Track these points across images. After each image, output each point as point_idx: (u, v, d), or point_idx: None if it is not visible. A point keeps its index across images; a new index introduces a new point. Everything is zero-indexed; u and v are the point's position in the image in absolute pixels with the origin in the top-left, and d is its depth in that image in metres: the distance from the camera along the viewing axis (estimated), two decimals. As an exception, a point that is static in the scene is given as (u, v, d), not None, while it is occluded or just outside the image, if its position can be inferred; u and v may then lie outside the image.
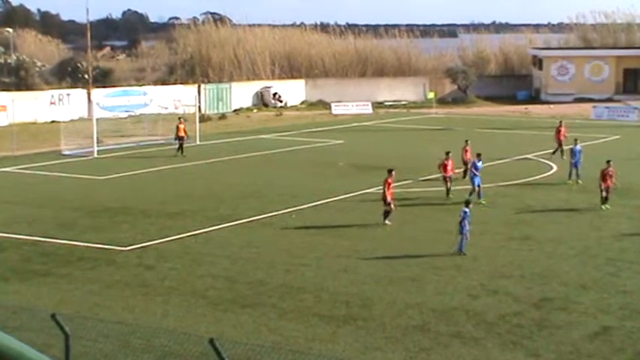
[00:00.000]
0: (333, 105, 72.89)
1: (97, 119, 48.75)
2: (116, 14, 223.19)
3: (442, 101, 76.58)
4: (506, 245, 26.79)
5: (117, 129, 55.04)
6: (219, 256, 25.47)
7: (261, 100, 75.46)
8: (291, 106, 75.43)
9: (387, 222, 29.50)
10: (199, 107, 59.50)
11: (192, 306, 20.83)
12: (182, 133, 46.50)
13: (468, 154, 37.29)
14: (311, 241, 27.37)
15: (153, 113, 59.15)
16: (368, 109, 72.15)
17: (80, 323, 17.50)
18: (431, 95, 72.70)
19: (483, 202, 32.78)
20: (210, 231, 28.70)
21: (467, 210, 25.81)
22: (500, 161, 43.81)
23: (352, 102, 73.54)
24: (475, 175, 33.50)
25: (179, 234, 28.13)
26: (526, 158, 44.96)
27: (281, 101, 75.32)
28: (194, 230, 28.65)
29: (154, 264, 24.61)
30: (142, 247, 26.51)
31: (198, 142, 51.22)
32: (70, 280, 23.07)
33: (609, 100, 76.13)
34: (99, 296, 21.61)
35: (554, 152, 44.43)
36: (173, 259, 25.16)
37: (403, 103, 77.54)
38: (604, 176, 32.46)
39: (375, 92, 78.62)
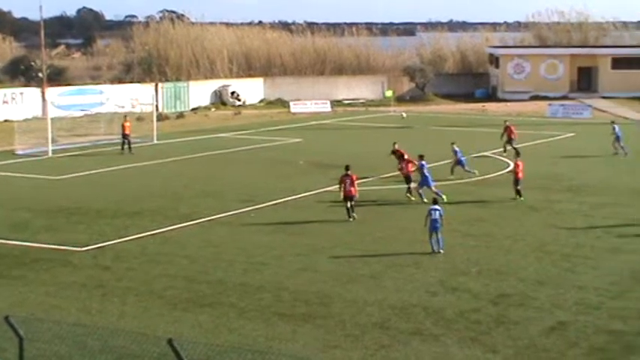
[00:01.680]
0: (291, 103, 72.85)
1: (52, 118, 48.19)
2: (71, 12, 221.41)
3: (400, 99, 76.87)
4: (464, 242, 26.93)
5: (72, 128, 54.49)
6: (177, 255, 25.29)
7: (220, 99, 75.17)
8: (250, 105, 75.22)
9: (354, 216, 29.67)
10: (157, 106, 59.10)
11: (150, 306, 20.65)
12: (127, 131, 46.78)
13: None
14: (270, 239, 27.29)
15: (109, 112, 58.62)
16: (326, 108, 72.21)
17: (35, 326, 17.25)
18: (389, 94, 72.92)
19: (426, 200, 32.88)
20: (168, 230, 28.49)
21: (437, 208, 25.78)
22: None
23: (311, 100, 73.56)
24: (427, 175, 33.28)
25: (137, 234, 27.89)
26: (483, 156, 45.24)
27: (239, 100, 75.09)
28: (152, 230, 28.43)
29: (110, 264, 24.36)
30: (99, 247, 26.24)
31: (155, 142, 50.88)
32: (24, 281, 22.74)
33: (564, 97, 77.01)
34: (54, 298, 21.33)
35: (504, 150, 44.75)
36: (130, 259, 24.93)
37: (362, 101, 77.71)
38: (516, 169, 33.50)
39: (333, 91, 78.70)
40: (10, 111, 60.92)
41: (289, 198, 33.92)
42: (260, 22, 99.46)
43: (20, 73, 76.66)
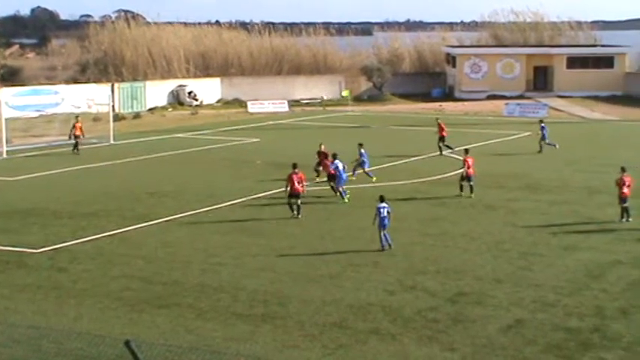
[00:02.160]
0: (249, 103, 72.71)
1: (6, 119, 47.62)
2: (25, 11, 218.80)
3: (358, 99, 77.08)
4: (422, 241, 27.05)
5: (27, 129, 53.89)
6: (134, 256, 25.10)
7: (177, 99, 74.77)
8: (207, 105, 74.92)
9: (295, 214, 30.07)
10: (113, 106, 58.60)
11: (106, 308, 20.47)
12: (78, 132, 46.57)
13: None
14: (228, 240, 27.20)
15: (65, 112, 58.02)
16: (284, 108, 72.18)
17: (-11, 328, 17.02)
18: (345, 93, 73.05)
19: (346, 200, 33.12)
20: (125, 231, 28.27)
21: (385, 205, 25.91)
22: (414, 158, 44.26)
23: (268, 100, 73.46)
24: (340, 174, 33.45)
25: (93, 235, 27.65)
26: (440, 155, 45.48)
27: (196, 100, 74.76)
28: (109, 231, 28.19)
29: (66, 266, 24.12)
30: (54, 248, 25.96)
31: (112, 142, 50.49)
32: (-21, 284, 22.42)
33: (520, 97, 77.74)
34: (9, 300, 21.07)
35: (448, 147, 45.17)
36: (86, 260, 24.70)
37: (319, 101, 77.76)
38: (465, 166, 34.11)
39: (291, 90, 78.67)
40: (-37, 111, 59.98)
41: (247, 198, 33.84)
42: (217, 21, 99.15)
43: (-27, 73, 75.68)
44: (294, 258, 24.98)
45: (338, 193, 33.43)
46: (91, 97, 64.91)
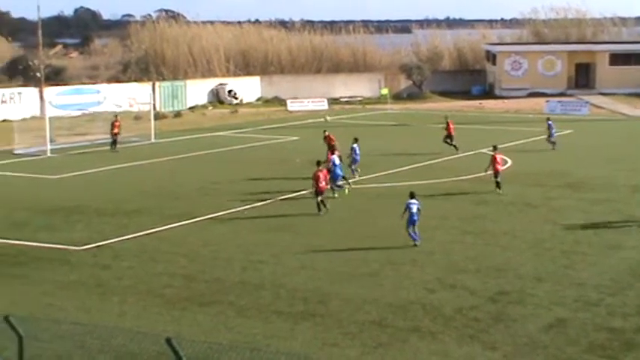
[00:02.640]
0: (288, 101, 72.84)
1: (50, 118, 48.22)
2: (68, 12, 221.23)
3: (397, 97, 76.89)
4: (462, 239, 26.96)
5: (70, 127, 54.50)
6: (176, 254, 25.31)
7: (217, 98, 75.16)
8: (247, 103, 75.22)
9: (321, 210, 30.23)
10: (154, 105, 59.10)
11: (149, 305, 20.67)
12: (116, 130, 47.13)
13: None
14: (268, 237, 27.31)
15: (107, 111, 58.60)
16: (323, 106, 72.21)
17: (34, 325, 17.24)
18: (384, 92, 72.92)
19: (336, 195, 33.37)
20: (166, 229, 28.50)
21: (415, 201, 25.96)
22: (454, 156, 44.06)
23: (308, 98, 73.54)
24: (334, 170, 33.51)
25: (135, 232, 27.91)
26: (480, 153, 45.22)
27: (236, 98, 75.08)
28: (150, 228, 28.43)
29: (109, 263, 24.39)
30: (98, 246, 26.25)
31: (153, 140, 50.89)
32: (23, 280, 22.76)
33: (562, 94, 77.04)
34: (53, 297, 21.35)
35: (455, 147, 44.84)
36: (129, 257, 24.95)
37: (358, 99, 77.70)
38: (493, 162, 33.97)
39: (330, 88, 78.69)
40: (9, 111, 60.92)
41: (287, 196, 33.91)
42: (257, 20, 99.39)
43: (18, 73, 76.61)
44: (333, 256, 25.02)
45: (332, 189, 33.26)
46: (132, 96, 65.55)
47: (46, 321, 18.32)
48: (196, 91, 73.73)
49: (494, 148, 35.32)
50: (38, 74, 67.12)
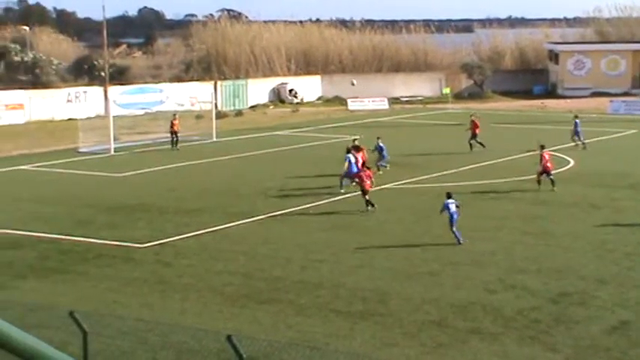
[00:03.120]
0: (349, 101, 72.84)
1: (114, 117, 48.92)
2: (132, 11, 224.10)
3: (458, 96, 76.40)
4: (523, 240, 26.72)
5: (133, 126, 55.23)
6: (236, 252, 25.52)
7: (278, 97, 75.51)
8: (307, 102, 75.42)
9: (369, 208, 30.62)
10: (216, 104, 59.60)
11: (209, 302, 20.89)
12: (175, 128, 47.59)
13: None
14: (327, 236, 27.39)
15: (169, 110, 59.27)
16: (384, 105, 72.07)
17: (98, 320, 17.57)
18: (446, 91, 72.51)
19: (342, 190, 33.74)
20: (227, 227, 28.76)
21: (453, 201, 26.25)
22: (516, 156, 43.66)
23: (368, 98, 73.45)
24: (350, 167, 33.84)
25: (196, 230, 28.21)
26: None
27: (297, 97, 75.33)
28: (211, 227, 28.71)
29: (171, 261, 24.70)
30: (160, 244, 26.60)
31: (214, 139, 51.33)
32: (87, 277, 23.18)
33: (626, 94, 75.74)
34: (116, 293, 21.70)
35: (481, 145, 44.44)
36: (190, 255, 25.24)
37: (419, 98, 77.40)
38: (542, 161, 34.37)
39: (391, 88, 78.48)
40: (75, 109, 61.98)
41: (347, 195, 33.94)
42: (318, 19, 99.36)
43: (84, 72, 77.89)
44: (393, 255, 24.99)
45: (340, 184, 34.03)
46: (194, 95, 66.19)
47: (109, 317, 18.66)
48: (257, 90, 74.16)
49: (542, 147, 35.11)
50: (103, 73, 68.17)
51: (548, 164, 34.35)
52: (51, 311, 18.94)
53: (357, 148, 35.93)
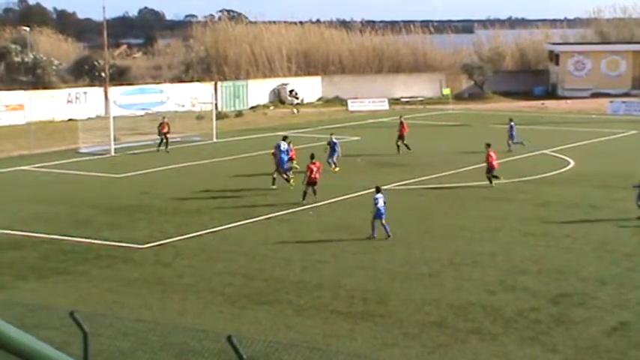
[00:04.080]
0: (349, 101, 72.87)
1: (114, 117, 48.93)
2: (132, 12, 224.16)
3: (459, 97, 76.44)
4: (523, 241, 26.74)
5: (134, 127, 55.25)
6: (236, 253, 25.53)
7: (278, 97, 75.53)
8: (308, 103, 75.43)
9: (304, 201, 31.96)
10: (216, 105, 59.61)
11: (209, 303, 20.89)
12: (165, 130, 47.57)
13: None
14: (328, 237, 27.39)
15: (170, 111, 59.30)
16: (384, 106, 72.09)
17: (98, 321, 17.58)
18: (446, 91, 72.50)
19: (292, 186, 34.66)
20: (227, 228, 28.77)
21: (381, 195, 26.97)
22: (517, 157, 43.69)
23: (368, 98, 73.48)
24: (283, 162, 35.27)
25: (196, 231, 28.22)
26: (543, 154, 44.80)
27: (297, 98, 75.34)
28: (211, 227, 28.73)
29: (171, 261, 24.71)
30: (160, 244, 26.61)
31: (215, 140, 51.34)
32: (87, 278, 23.19)
33: (626, 95, 75.78)
34: (117, 294, 21.71)
35: (407, 147, 45.13)
36: (190, 256, 25.25)
37: (419, 99, 77.43)
38: (489, 159, 35.54)
39: (391, 88, 78.53)
40: (75, 110, 62.01)
41: (347, 196, 33.97)
42: (318, 20, 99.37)
43: (84, 72, 77.95)
44: (393, 256, 25.00)
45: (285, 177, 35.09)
46: (194, 96, 66.20)
47: (110, 317, 18.67)
48: (258, 90, 74.19)
49: (488, 145, 36.17)
50: (103, 74, 68.21)
51: (494, 162, 35.45)
52: (51, 311, 18.96)
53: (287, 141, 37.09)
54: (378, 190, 27.28)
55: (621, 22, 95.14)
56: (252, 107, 72.00)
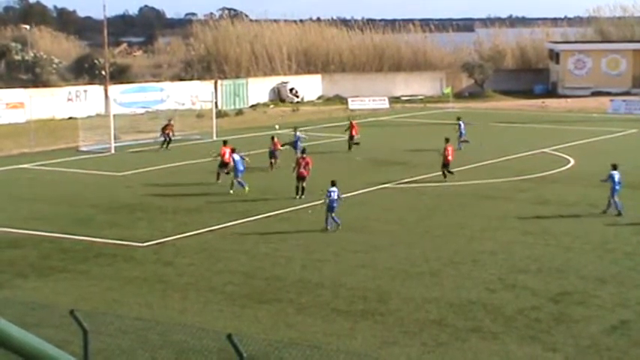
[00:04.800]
0: (349, 100, 72.85)
1: (114, 115, 48.89)
2: (133, 10, 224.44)
3: (459, 96, 76.41)
4: (523, 239, 26.73)
5: (134, 125, 55.22)
6: (236, 251, 25.53)
7: (278, 96, 75.52)
8: (308, 102, 75.42)
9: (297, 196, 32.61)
10: (216, 103, 59.59)
11: (209, 302, 20.89)
12: (168, 131, 47.80)
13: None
14: (328, 236, 27.39)
15: (170, 109, 59.28)
16: (384, 104, 72.07)
17: (98, 319, 17.59)
18: (447, 90, 72.53)
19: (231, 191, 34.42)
20: (227, 227, 28.77)
21: (335, 189, 28.01)
22: (516, 155, 43.68)
23: (369, 97, 73.47)
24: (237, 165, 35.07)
25: (197, 230, 28.22)
26: (543, 152, 44.80)
27: (297, 96, 75.33)
28: (211, 226, 28.72)
29: (171, 260, 24.70)
30: (160, 243, 26.61)
31: (215, 138, 51.30)
32: (88, 276, 23.18)
33: (626, 93, 75.75)
34: (117, 292, 21.71)
35: (350, 146, 46.13)
36: (191, 254, 25.24)
37: (420, 97, 77.41)
38: (445, 153, 36.61)
39: (391, 87, 78.53)
40: (75, 108, 62.01)
41: (347, 195, 33.92)
42: (318, 18, 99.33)
43: (84, 71, 77.95)
44: (393, 255, 25.00)
45: (236, 183, 34.51)
46: (194, 94, 66.19)
47: (110, 316, 18.66)
48: (258, 89, 74.18)
49: (447, 140, 37.46)
50: (103, 72, 68.18)
51: (449, 157, 36.38)
52: (51, 310, 18.96)
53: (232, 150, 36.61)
54: (333, 184, 28.36)
55: (621, 21, 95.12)
56: (253, 105, 71.98)
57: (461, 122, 47.58)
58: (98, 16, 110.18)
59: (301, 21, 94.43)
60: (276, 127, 50.14)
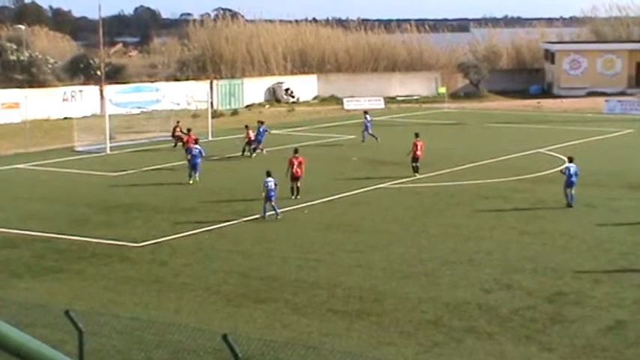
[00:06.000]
0: (345, 100, 72.85)
1: (110, 115, 48.83)
2: (128, 10, 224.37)
3: (454, 96, 76.48)
4: (519, 239, 26.75)
5: (129, 125, 55.17)
6: (232, 251, 25.51)
7: (274, 96, 75.49)
8: (303, 102, 75.41)
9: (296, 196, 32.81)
10: (211, 103, 59.56)
11: (205, 301, 20.87)
12: (177, 133, 47.63)
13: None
14: (324, 236, 27.38)
15: (165, 109, 59.23)
16: (380, 104, 72.07)
17: (94, 319, 17.56)
18: (442, 90, 72.56)
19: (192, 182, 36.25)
20: (223, 226, 28.74)
21: (271, 179, 29.47)
22: (512, 155, 43.72)
23: (364, 97, 73.48)
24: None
25: (192, 229, 28.20)
26: (538, 152, 44.84)
27: (293, 97, 75.31)
28: (207, 226, 28.70)
29: (167, 260, 24.67)
30: (155, 242, 26.58)
31: (210, 138, 51.27)
32: (83, 276, 23.15)
33: (622, 93, 75.84)
34: (112, 292, 21.67)
35: (252, 150, 45.55)
36: (186, 254, 25.22)
37: (415, 97, 77.45)
38: (414, 148, 37.35)
39: (387, 87, 78.55)
40: (70, 108, 61.92)
41: (343, 195, 33.96)
42: (314, 19, 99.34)
43: (80, 71, 77.84)
44: (389, 255, 24.99)
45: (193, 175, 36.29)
46: (190, 94, 66.14)
47: (105, 316, 18.62)
48: (253, 89, 74.16)
49: (417, 135, 38.32)
50: (99, 72, 68.13)
51: (418, 152, 37.14)
52: (46, 310, 18.91)
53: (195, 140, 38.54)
54: (268, 175, 29.76)
55: (617, 21, 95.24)
56: (248, 106, 71.96)
57: (367, 116, 49.61)
58: (93, 16, 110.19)
59: (297, 21, 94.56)
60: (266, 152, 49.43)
